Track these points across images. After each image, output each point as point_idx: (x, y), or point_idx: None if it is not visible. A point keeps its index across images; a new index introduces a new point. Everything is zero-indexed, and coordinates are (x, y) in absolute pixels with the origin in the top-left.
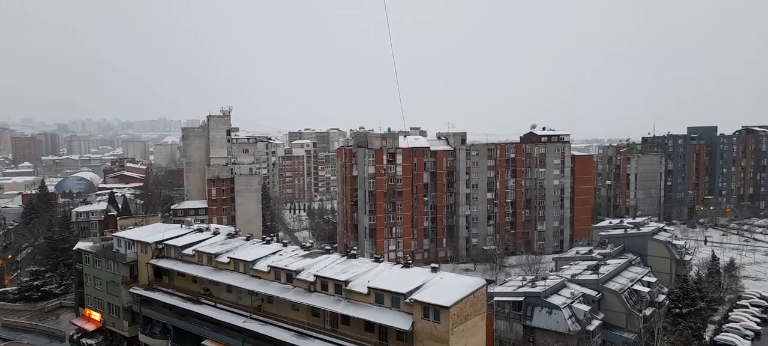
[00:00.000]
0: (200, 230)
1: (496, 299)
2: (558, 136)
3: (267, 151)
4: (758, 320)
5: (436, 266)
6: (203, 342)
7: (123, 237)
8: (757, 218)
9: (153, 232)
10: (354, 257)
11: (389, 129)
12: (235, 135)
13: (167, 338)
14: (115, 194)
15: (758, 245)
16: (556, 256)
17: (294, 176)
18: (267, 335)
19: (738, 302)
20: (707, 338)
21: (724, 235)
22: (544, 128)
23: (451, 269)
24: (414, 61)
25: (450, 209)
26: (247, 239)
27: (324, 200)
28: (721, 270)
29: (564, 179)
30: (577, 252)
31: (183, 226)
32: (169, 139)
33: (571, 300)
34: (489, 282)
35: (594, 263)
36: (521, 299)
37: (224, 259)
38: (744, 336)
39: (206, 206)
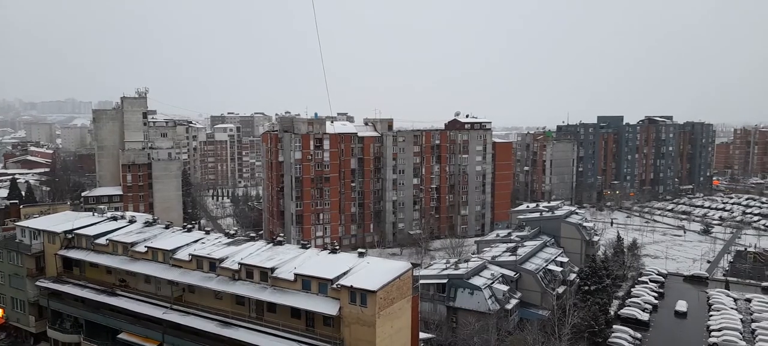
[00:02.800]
0: (115, 219)
1: (421, 282)
2: (480, 123)
3: (187, 136)
4: (655, 294)
5: (363, 251)
6: (119, 336)
7: (27, 227)
8: (657, 201)
9: (62, 221)
10: (280, 243)
11: (316, 114)
12: (153, 118)
13: (79, 332)
14: (18, 181)
15: (657, 226)
16: (478, 239)
17: (217, 162)
18: (188, 326)
19: (639, 279)
20: (612, 313)
21: (628, 217)
22: (467, 116)
23: (378, 253)
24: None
25: (377, 194)
26: (167, 227)
27: (249, 186)
28: (625, 250)
29: (486, 165)
30: (498, 235)
31: (95, 214)
32: (78, 121)
33: (491, 281)
34: (414, 266)
35: (512, 245)
36: (445, 281)
37: (142, 248)
38: (644, 309)
39: (121, 193)
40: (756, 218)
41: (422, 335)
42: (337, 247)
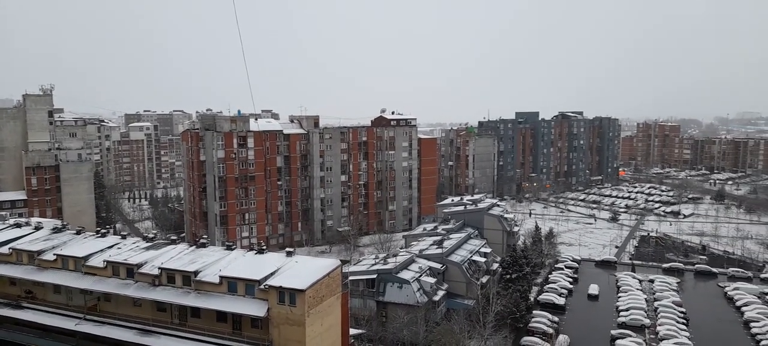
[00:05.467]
0: (18, 225)
1: (350, 278)
2: (406, 120)
3: (99, 135)
4: (570, 279)
5: (292, 250)
6: None
7: None
8: (571, 192)
9: None
10: (204, 246)
11: (239, 112)
12: (60, 117)
13: None
14: None
15: (571, 215)
16: (406, 233)
17: (133, 162)
18: (104, 336)
19: (556, 266)
20: (532, 299)
21: (545, 207)
22: (393, 113)
23: (307, 252)
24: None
25: (305, 192)
26: (78, 233)
27: (169, 187)
28: (542, 239)
29: (412, 161)
30: (424, 229)
31: None
32: None
33: (419, 274)
34: (344, 262)
35: (439, 238)
36: (374, 276)
37: (50, 256)
38: (560, 294)
39: (25, 198)
40: (657, 205)
41: (352, 331)
42: (265, 247)
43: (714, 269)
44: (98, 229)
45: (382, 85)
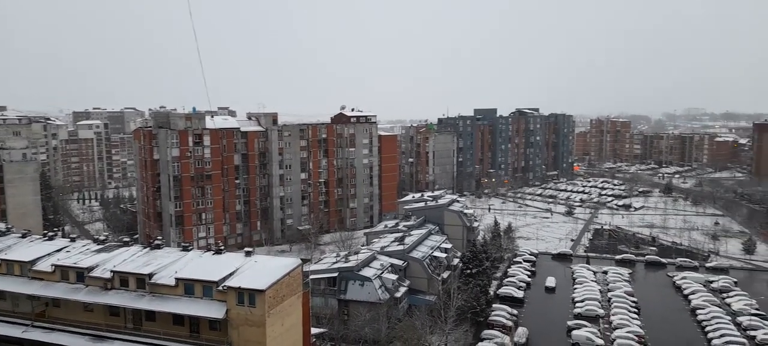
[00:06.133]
0: None
1: (312, 277)
2: (366, 117)
3: (46, 134)
4: (528, 273)
5: (251, 249)
6: None
7: None
8: (528, 187)
9: None
10: (159, 247)
11: (194, 109)
12: (2, 115)
13: None
14: None
15: (529, 209)
16: (367, 231)
17: (82, 162)
18: (53, 344)
19: (514, 259)
20: (492, 293)
21: (503, 203)
22: (353, 109)
23: (267, 251)
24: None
25: (263, 190)
26: (24, 236)
27: (121, 188)
28: (501, 233)
29: (372, 158)
30: (386, 226)
31: None
32: None
33: (381, 271)
34: (304, 261)
35: (400, 235)
36: (336, 274)
37: None
38: (519, 288)
39: None
40: (610, 199)
41: (314, 331)
42: (222, 247)
43: (663, 260)
44: (45, 232)
45: (345, 82)
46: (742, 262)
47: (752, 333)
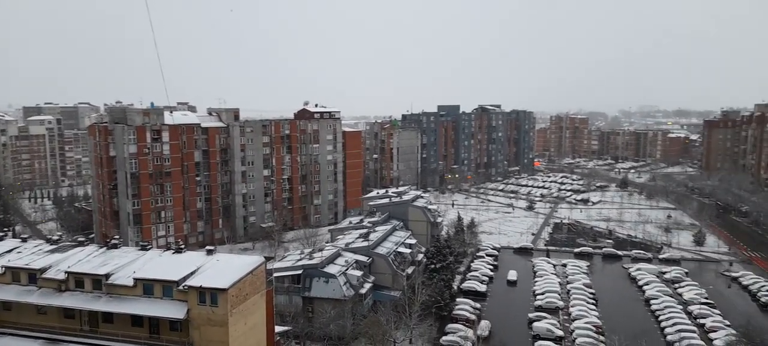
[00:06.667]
0: None
1: (275, 275)
2: (330, 113)
3: None
4: (491, 267)
5: (212, 248)
6: None
7: None
8: (490, 182)
9: None
10: (116, 247)
11: (152, 104)
12: None
13: None
14: None
15: (491, 205)
16: (332, 227)
17: (33, 159)
18: None
19: (477, 254)
20: (456, 287)
21: (466, 198)
22: (316, 105)
23: (229, 249)
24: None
25: (225, 188)
26: None
27: (75, 186)
28: (464, 228)
29: (336, 154)
30: (350, 222)
31: None
32: None
33: (345, 268)
34: (268, 259)
35: (365, 231)
36: (300, 272)
37: None
38: (482, 281)
39: None
40: (569, 194)
41: (278, 329)
42: (183, 246)
43: (619, 252)
44: None
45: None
46: (693, 253)
47: (702, 321)
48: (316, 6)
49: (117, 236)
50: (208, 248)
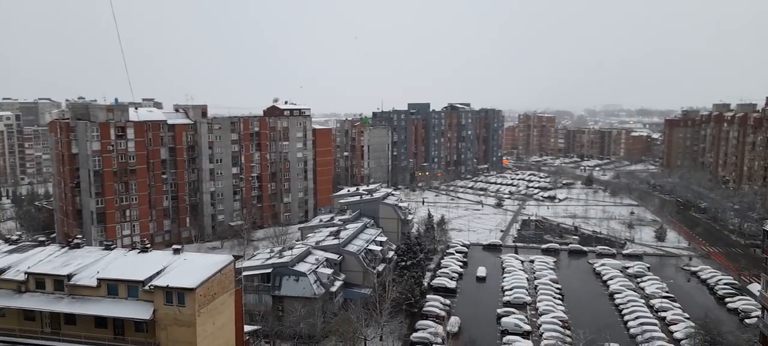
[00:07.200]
0: None
1: (245, 273)
2: (300, 110)
3: None
4: (461, 263)
5: (179, 247)
6: None
7: None
8: (460, 180)
9: None
10: (78, 246)
11: (116, 100)
12: None
13: None
14: None
15: (461, 202)
16: (302, 225)
17: None
18: None
19: (447, 251)
20: (426, 284)
21: (437, 195)
22: (286, 102)
23: (197, 248)
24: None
25: (193, 186)
26: None
27: (35, 184)
28: (435, 226)
29: (307, 152)
30: (321, 220)
31: None
32: None
33: (316, 266)
34: (237, 258)
35: (335, 229)
36: (270, 270)
37: None
38: (452, 278)
39: None
40: (536, 191)
41: (247, 328)
42: (149, 245)
43: (584, 248)
44: None
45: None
46: (655, 249)
47: (663, 314)
48: (316, 6)
49: (80, 236)
50: (174, 247)
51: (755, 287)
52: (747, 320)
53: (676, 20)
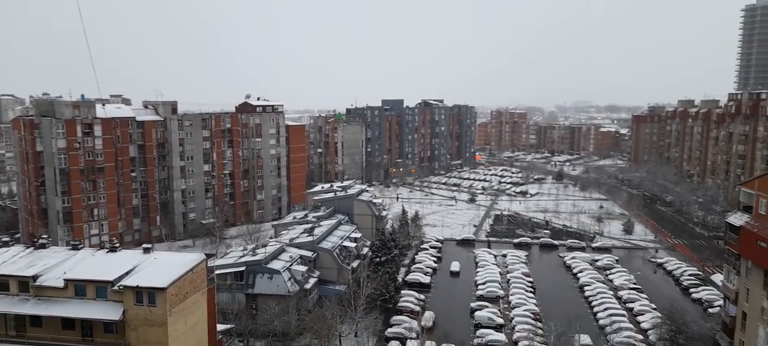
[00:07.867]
0: None
1: (217, 272)
2: (272, 106)
3: None
4: (435, 259)
5: (150, 246)
6: None
7: None
8: (434, 176)
9: None
10: (44, 246)
11: (83, 96)
12: None
13: None
14: None
15: (435, 197)
16: (276, 223)
17: None
18: None
19: (421, 246)
20: (401, 279)
21: (411, 191)
22: (258, 99)
23: (168, 247)
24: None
25: (163, 183)
26: None
27: None
28: (409, 221)
29: (280, 148)
30: (295, 217)
31: None
32: None
33: (290, 263)
34: (209, 256)
35: (309, 226)
36: (243, 268)
37: None
38: (426, 273)
39: None
40: (508, 186)
41: (220, 327)
42: (118, 245)
43: (555, 242)
44: None
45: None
46: (623, 242)
47: (631, 305)
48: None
49: (45, 236)
50: (145, 246)
51: (718, 278)
52: (710, 310)
53: (641, 19)
